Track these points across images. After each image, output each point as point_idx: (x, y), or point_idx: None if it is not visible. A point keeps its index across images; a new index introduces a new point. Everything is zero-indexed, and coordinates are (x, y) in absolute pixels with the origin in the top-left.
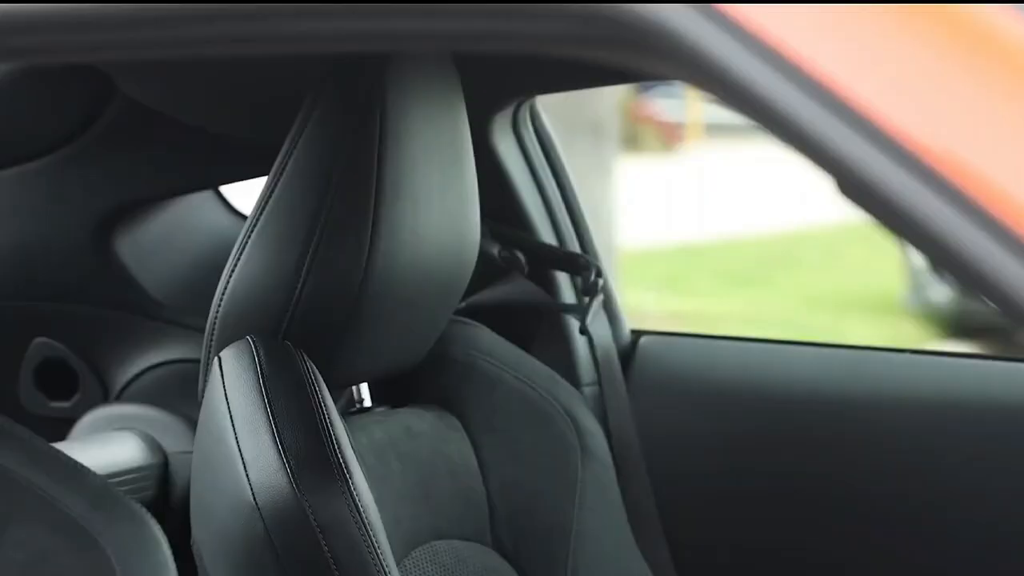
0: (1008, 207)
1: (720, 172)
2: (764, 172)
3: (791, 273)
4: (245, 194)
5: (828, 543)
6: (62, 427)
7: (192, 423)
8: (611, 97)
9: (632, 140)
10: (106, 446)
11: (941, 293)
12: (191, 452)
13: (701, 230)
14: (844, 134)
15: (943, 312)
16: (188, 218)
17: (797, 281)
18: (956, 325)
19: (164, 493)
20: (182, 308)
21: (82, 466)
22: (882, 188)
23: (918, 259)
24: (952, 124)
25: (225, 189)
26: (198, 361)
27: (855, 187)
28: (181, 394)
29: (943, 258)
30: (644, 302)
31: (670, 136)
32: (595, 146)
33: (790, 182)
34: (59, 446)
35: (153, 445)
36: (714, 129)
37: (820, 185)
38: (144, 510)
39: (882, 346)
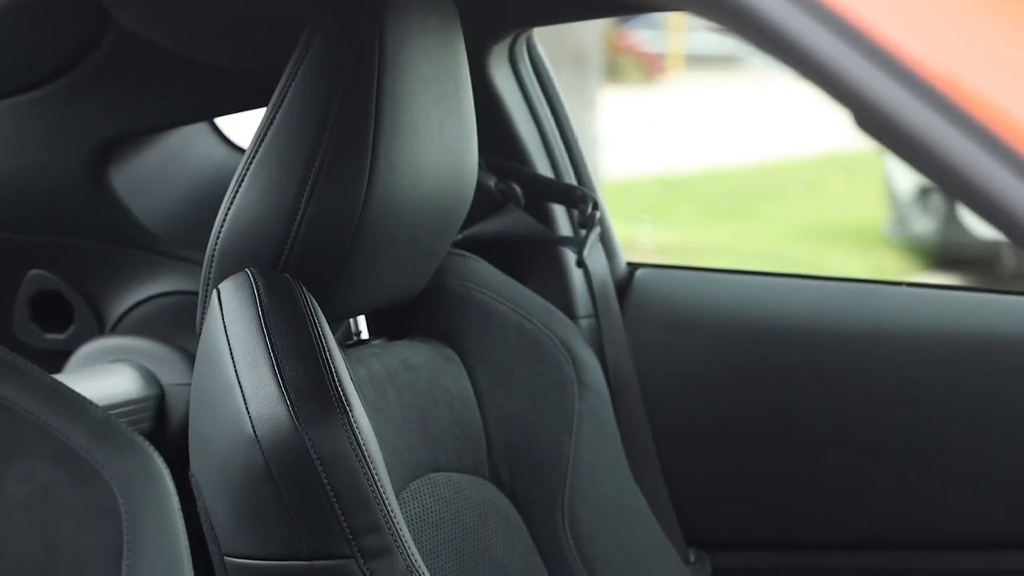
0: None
1: (701, 103)
2: (745, 103)
3: (774, 205)
4: (239, 127)
5: (824, 475)
6: (57, 360)
7: (188, 355)
8: (594, 28)
9: (613, 71)
10: (102, 378)
11: (924, 225)
12: (187, 384)
13: (683, 162)
14: (859, 64)
15: (926, 244)
16: (183, 150)
17: (780, 213)
18: (938, 257)
19: (160, 426)
20: (177, 240)
21: (83, 398)
22: (900, 120)
23: (901, 191)
24: (967, 53)
25: (220, 121)
26: (194, 293)
27: (872, 119)
28: (177, 326)
29: (961, 189)
30: (638, 234)
31: (651, 67)
32: (578, 78)
33: (772, 113)
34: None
35: (149, 377)
36: (694, 60)
37: (802, 116)
38: (146, 441)
39: (879, 279)
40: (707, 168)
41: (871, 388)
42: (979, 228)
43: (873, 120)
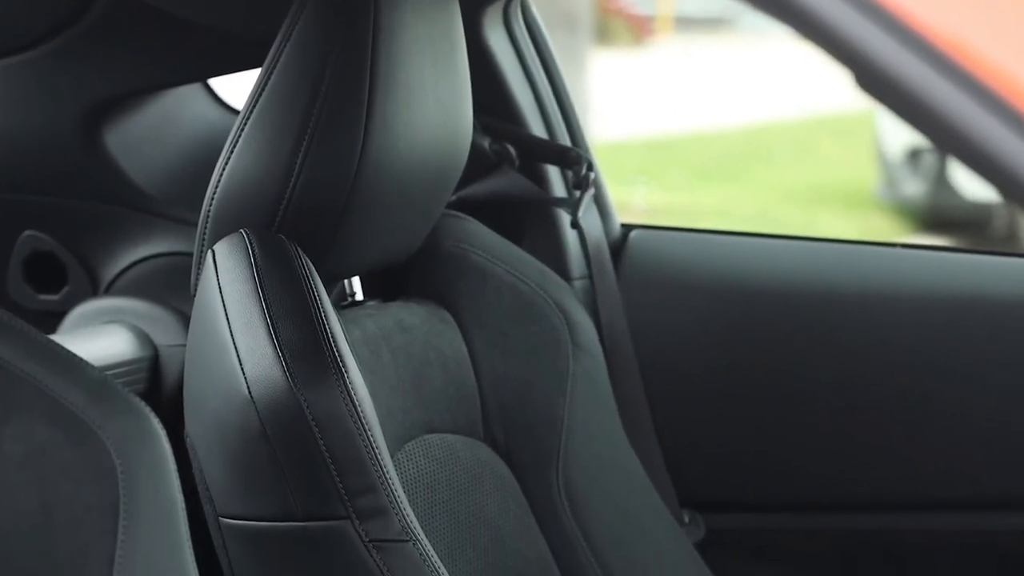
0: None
1: (691, 66)
2: (735, 65)
3: (763, 167)
4: (232, 88)
5: (817, 436)
6: (50, 321)
7: (182, 316)
8: None
9: (603, 34)
10: (96, 339)
11: (914, 187)
12: (181, 345)
13: (672, 124)
14: (861, 24)
15: (916, 206)
16: (178, 112)
17: (769, 175)
18: (929, 218)
19: (154, 387)
20: (171, 201)
21: (80, 358)
22: (902, 80)
23: (891, 153)
24: (970, 13)
25: (214, 82)
26: (187, 254)
27: (873, 79)
28: (170, 287)
29: (963, 150)
30: (631, 196)
31: (640, 29)
32: (569, 40)
33: (761, 75)
34: None
35: (143, 338)
36: (684, 22)
37: (791, 78)
38: (142, 402)
39: (872, 240)
40: (696, 130)
41: (864, 349)
42: (969, 190)
43: (875, 80)
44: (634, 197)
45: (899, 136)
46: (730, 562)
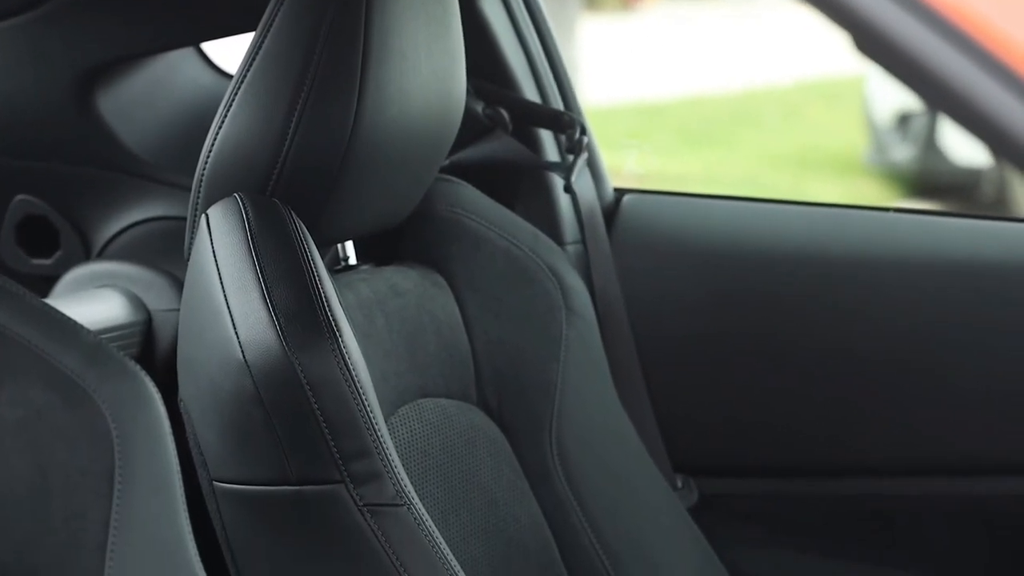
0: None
1: (679, 31)
2: (723, 31)
3: (752, 132)
4: (225, 52)
5: (810, 401)
6: (43, 285)
7: (175, 280)
8: None
9: None
10: (89, 304)
11: (903, 152)
12: (175, 310)
13: (660, 89)
14: None
15: (905, 171)
16: (170, 76)
17: (758, 140)
18: (918, 184)
19: (147, 351)
20: (164, 165)
21: (76, 322)
22: (901, 43)
23: (880, 118)
24: None
25: (207, 47)
26: (180, 218)
27: (873, 42)
28: (164, 251)
29: (959, 112)
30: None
31: None
32: (558, 5)
33: (750, 41)
34: None
35: (136, 303)
36: None
37: (780, 44)
38: (137, 366)
39: (867, 205)
40: (685, 96)
41: (857, 313)
42: (958, 155)
43: (874, 44)
44: (626, 161)
45: (888, 101)
46: (723, 526)
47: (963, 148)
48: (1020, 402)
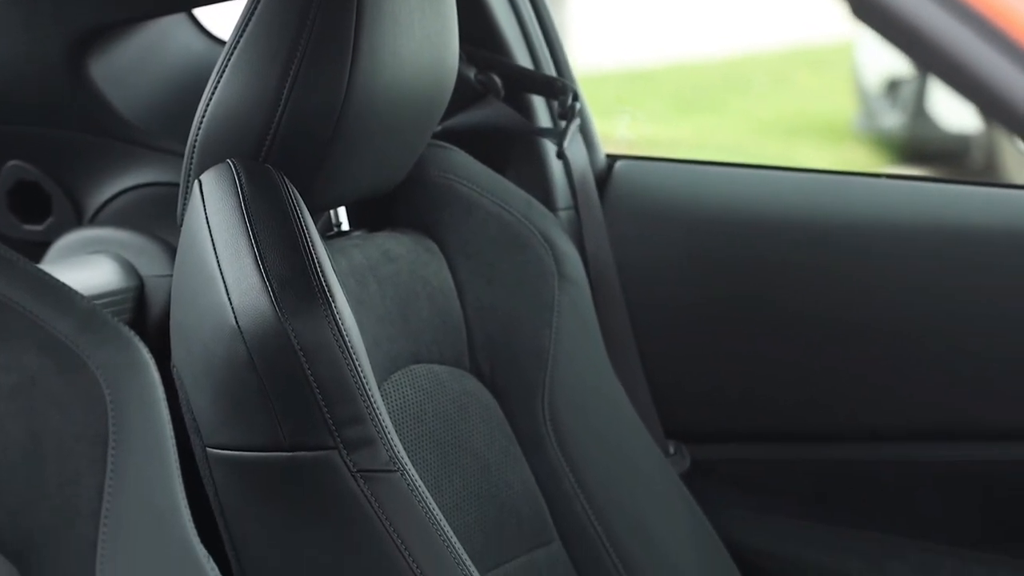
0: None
1: None
2: None
3: (740, 98)
4: (217, 18)
5: (801, 366)
6: (35, 251)
7: (167, 246)
8: None
9: None
10: (81, 270)
11: (892, 118)
12: (167, 276)
13: (649, 55)
14: None
15: (894, 137)
16: (163, 42)
17: (746, 106)
18: (907, 150)
19: (140, 317)
20: (156, 131)
21: (69, 288)
22: (897, 8)
23: (870, 84)
24: None
25: (199, 12)
26: (173, 184)
27: (868, 8)
28: (156, 217)
29: (956, 79)
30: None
31: None
32: None
33: (739, 6)
34: None
35: (128, 268)
36: None
37: (769, 9)
38: (131, 332)
39: (860, 171)
40: (673, 62)
41: (849, 280)
42: (948, 121)
43: (870, 8)
44: (618, 127)
45: (878, 67)
46: (715, 492)
47: (952, 114)
48: (1011, 367)
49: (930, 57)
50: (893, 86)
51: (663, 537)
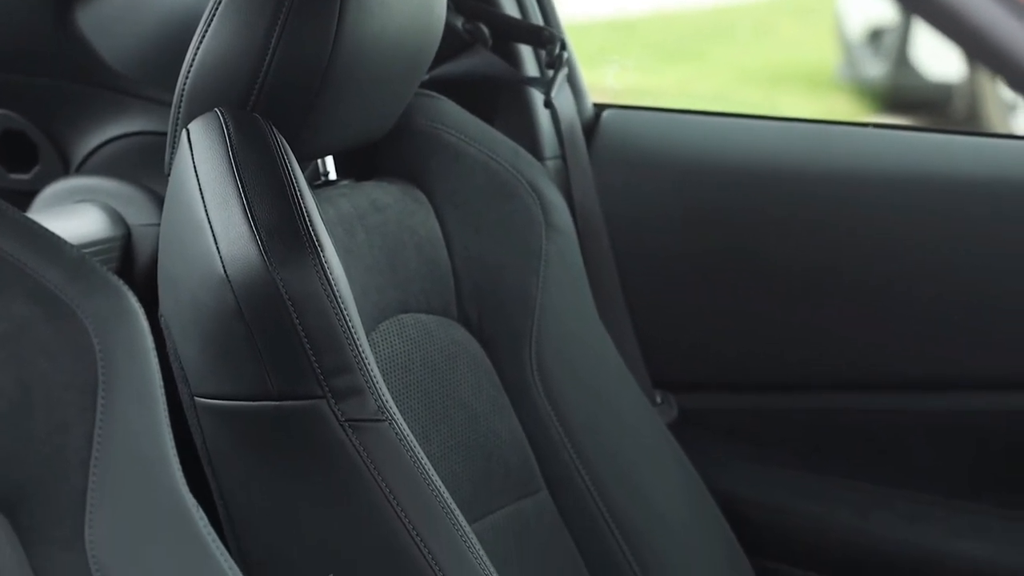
0: None
1: None
2: None
3: (723, 48)
4: None
5: (788, 316)
6: (22, 200)
7: (154, 195)
8: None
9: None
10: (68, 219)
11: (875, 67)
12: (154, 225)
13: (631, 4)
14: None
15: (877, 86)
16: None
17: (729, 56)
18: (890, 99)
19: (127, 266)
20: (143, 80)
21: (58, 237)
22: None
23: (852, 33)
24: None
25: None
26: (160, 133)
27: None
28: (143, 166)
29: (942, 22)
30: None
31: None
32: None
33: None
34: None
35: (115, 217)
36: None
37: None
38: (120, 281)
39: (845, 120)
40: (656, 11)
41: (836, 229)
42: (930, 70)
43: None
44: (606, 77)
45: (860, 16)
46: (702, 442)
47: (935, 63)
48: (1000, 316)
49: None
50: (876, 35)
51: (650, 486)
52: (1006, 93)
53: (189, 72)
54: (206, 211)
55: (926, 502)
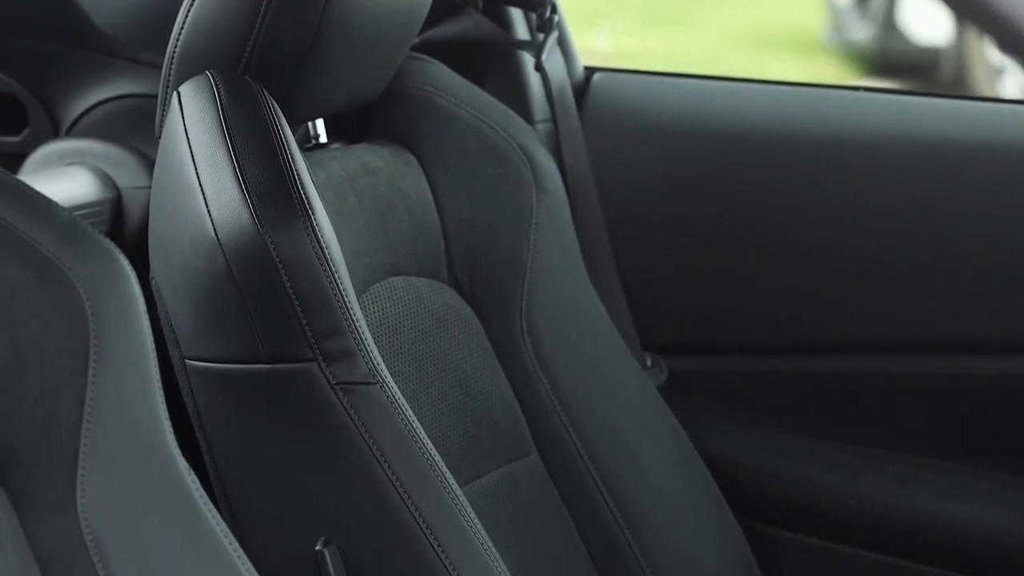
0: None
1: None
2: None
3: (709, 11)
4: None
5: (778, 279)
6: (11, 162)
7: (144, 158)
8: None
9: None
10: (58, 181)
11: (862, 31)
12: (144, 188)
13: None
14: None
15: (864, 50)
16: None
17: (715, 19)
18: (876, 63)
19: (117, 229)
20: (133, 42)
21: (50, 200)
22: None
23: None
24: None
25: None
26: (150, 96)
27: None
28: (133, 128)
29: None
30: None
31: None
32: None
33: None
34: None
35: (106, 180)
36: None
37: None
38: (112, 244)
39: (836, 84)
40: None
41: (826, 192)
42: (917, 34)
43: None
44: (597, 40)
45: None
46: (692, 405)
47: (922, 27)
48: (990, 280)
49: None
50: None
51: (640, 448)
52: (994, 57)
53: (180, 34)
54: (197, 174)
55: (916, 464)
